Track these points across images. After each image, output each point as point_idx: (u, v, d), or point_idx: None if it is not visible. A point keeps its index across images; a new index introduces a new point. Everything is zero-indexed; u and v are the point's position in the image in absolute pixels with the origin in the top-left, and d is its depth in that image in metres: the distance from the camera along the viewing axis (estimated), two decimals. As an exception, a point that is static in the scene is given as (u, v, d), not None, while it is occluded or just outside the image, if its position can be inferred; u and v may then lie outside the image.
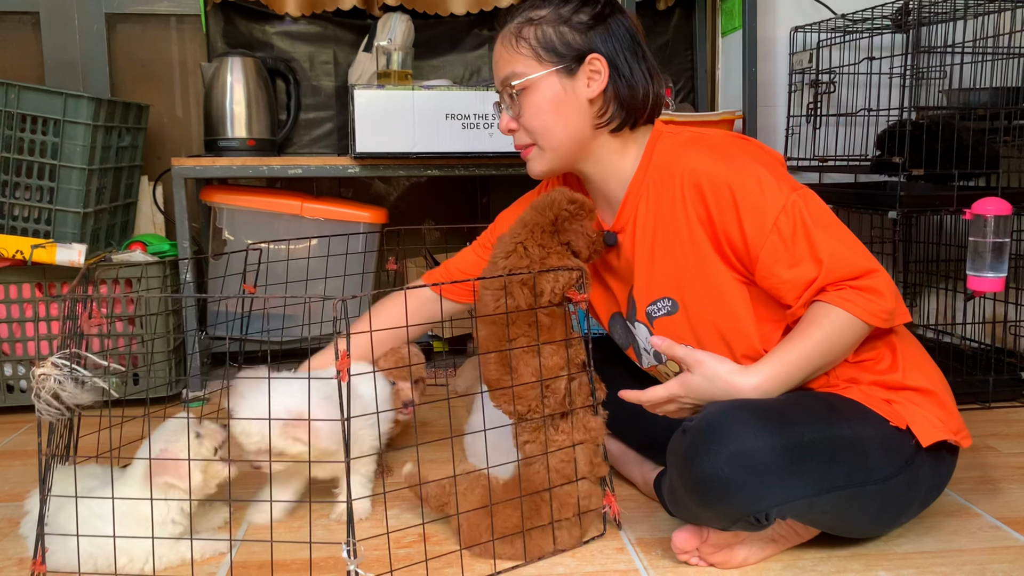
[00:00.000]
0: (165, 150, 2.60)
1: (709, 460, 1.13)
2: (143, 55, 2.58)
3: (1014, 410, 2.06)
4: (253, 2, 2.43)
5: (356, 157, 2.16)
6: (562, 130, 1.36)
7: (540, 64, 1.34)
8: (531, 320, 1.29)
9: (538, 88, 1.34)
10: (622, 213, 1.40)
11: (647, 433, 1.54)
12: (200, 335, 2.22)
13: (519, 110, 1.37)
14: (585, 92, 1.35)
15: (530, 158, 1.41)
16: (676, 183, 1.30)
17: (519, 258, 1.32)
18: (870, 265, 1.23)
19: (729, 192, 1.25)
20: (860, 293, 1.22)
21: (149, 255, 2.11)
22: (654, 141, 1.38)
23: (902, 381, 1.28)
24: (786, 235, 1.23)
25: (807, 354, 1.23)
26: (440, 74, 2.66)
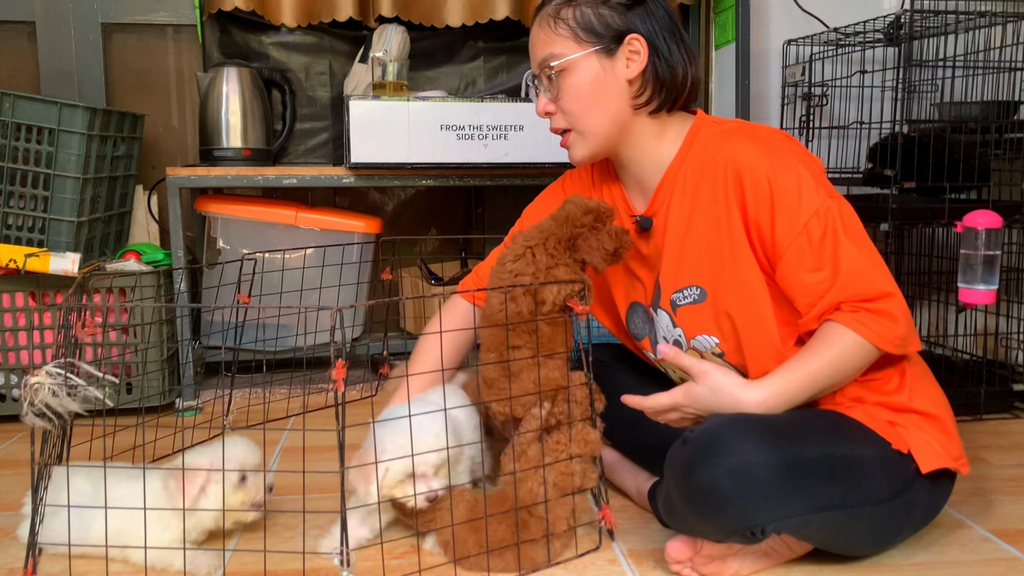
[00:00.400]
0: (160, 159, 2.60)
1: (708, 472, 1.13)
2: (139, 65, 2.59)
3: (1005, 422, 2.07)
4: (249, 13, 2.43)
5: (351, 167, 2.17)
6: (602, 112, 1.35)
7: (579, 45, 1.33)
8: (532, 328, 1.30)
9: (577, 69, 1.34)
10: (656, 198, 1.39)
11: (644, 442, 1.54)
12: (194, 344, 2.22)
13: (557, 92, 1.36)
14: (624, 73, 1.34)
15: (570, 144, 1.40)
16: (719, 171, 1.29)
17: (526, 263, 1.32)
18: (889, 288, 1.23)
19: (768, 186, 1.24)
20: (874, 317, 1.21)
21: (143, 264, 2.11)
22: (696, 129, 1.37)
23: (907, 404, 1.28)
24: (815, 239, 1.22)
25: (814, 373, 1.23)
26: (435, 85, 2.67)
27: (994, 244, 1.85)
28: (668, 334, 1.42)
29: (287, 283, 2.20)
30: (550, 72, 1.35)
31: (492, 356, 1.33)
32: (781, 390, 1.22)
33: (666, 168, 1.38)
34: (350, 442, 1.14)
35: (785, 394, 1.22)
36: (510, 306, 1.29)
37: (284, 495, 1.61)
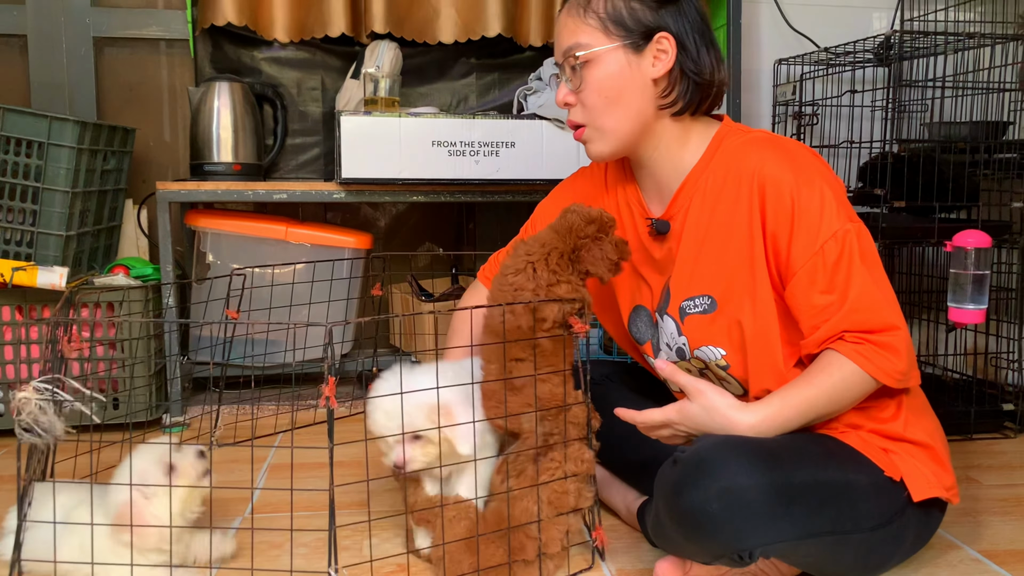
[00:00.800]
0: (151, 173, 2.59)
1: (698, 493, 1.12)
2: (131, 79, 2.58)
3: (995, 442, 2.07)
4: (241, 28, 2.43)
5: (342, 183, 2.16)
6: (623, 109, 1.32)
7: (607, 37, 1.30)
8: (533, 343, 1.29)
9: (602, 62, 1.31)
10: (675, 202, 1.37)
11: (634, 460, 1.53)
12: (182, 360, 2.21)
13: (580, 83, 1.33)
14: (650, 71, 1.31)
15: (587, 139, 1.37)
16: (743, 181, 1.27)
17: (527, 279, 1.30)
18: (895, 320, 1.22)
19: (791, 202, 1.23)
20: (877, 349, 1.20)
21: (132, 279, 2.10)
22: (722, 136, 1.35)
23: (902, 433, 1.27)
24: (829, 261, 1.21)
25: (810, 401, 1.22)
26: (428, 101, 2.68)
27: (983, 264, 1.85)
28: (672, 341, 1.40)
29: (277, 298, 2.19)
30: (574, 62, 1.32)
31: (493, 368, 1.32)
32: (775, 415, 1.21)
33: (687, 173, 1.35)
34: (339, 459, 1.13)
35: (778, 419, 1.21)
36: (510, 319, 1.28)
37: (271, 512, 1.59)
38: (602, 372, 1.70)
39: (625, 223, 1.47)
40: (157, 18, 2.55)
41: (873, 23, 2.66)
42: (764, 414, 1.21)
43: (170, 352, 2.15)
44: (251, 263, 2.27)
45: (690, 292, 1.35)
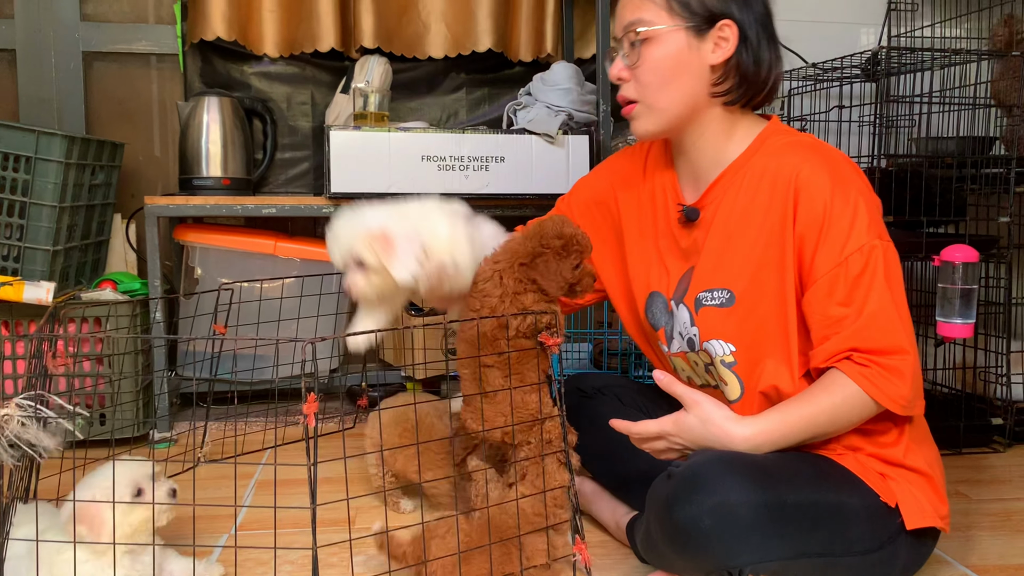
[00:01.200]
0: (140, 188, 2.58)
1: (691, 509, 1.12)
2: (120, 93, 2.58)
3: (984, 456, 2.07)
4: (231, 43, 2.43)
5: (331, 197, 2.16)
6: (676, 90, 1.30)
7: (670, 17, 1.28)
8: (501, 348, 1.29)
9: (663, 41, 1.29)
10: (710, 192, 1.35)
11: (624, 474, 1.52)
12: (169, 375, 2.19)
13: (637, 59, 1.30)
14: (709, 57, 1.29)
15: (636, 115, 1.34)
16: (780, 181, 1.26)
17: (494, 286, 1.30)
18: (906, 345, 1.20)
19: (823, 210, 1.22)
20: (883, 373, 1.19)
21: (119, 294, 2.09)
22: (768, 134, 1.34)
23: (901, 459, 1.26)
24: (852, 274, 1.20)
25: (809, 419, 1.21)
26: (417, 116, 2.68)
27: (971, 278, 1.86)
28: (684, 331, 1.38)
29: (266, 313, 2.18)
30: (634, 38, 1.30)
31: (466, 372, 1.33)
32: (771, 429, 1.21)
33: (727, 165, 1.34)
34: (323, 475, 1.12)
35: (775, 434, 1.21)
36: (479, 326, 1.28)
37: (258, 529, 1.58)
38: (594, 385, 1.69)
39: (658, 208, 1.45)
40: (147, 33, 2.55)
41: (861, 39, 2.68)
42: (761, 427, 1.20)
43: (157, 367, 2.14)
44: (240, 278, 2.26)
45: (711, 284, 1.33)
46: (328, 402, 2.42)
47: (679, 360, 1.42)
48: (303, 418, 1.06)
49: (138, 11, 2.57)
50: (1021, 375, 2.16)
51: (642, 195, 1.48)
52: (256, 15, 2.45)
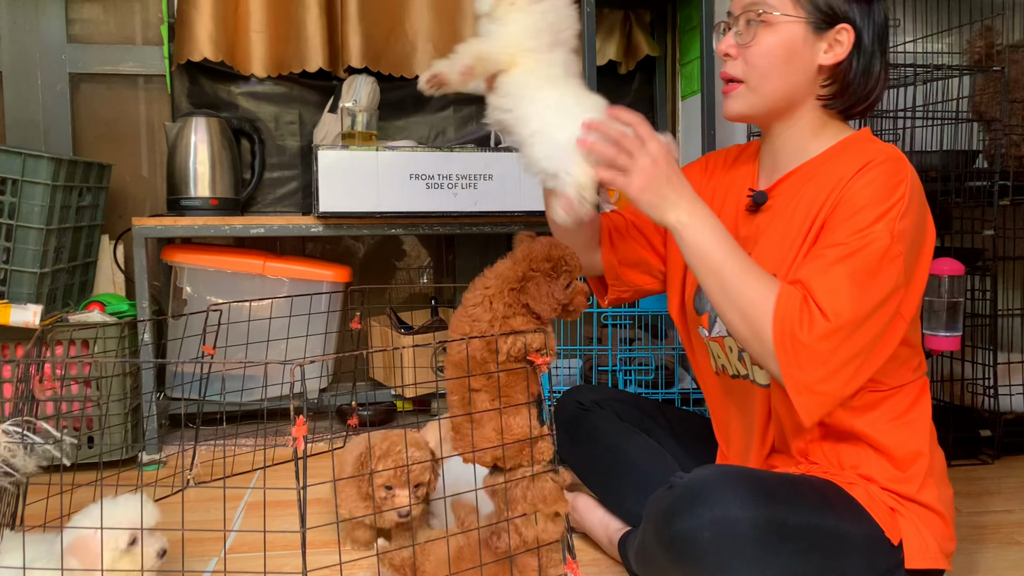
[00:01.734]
0: (127, 209, 2.58)
1: (691, 520, 1.11)
2: (107, 114, 2.58)
3: (973, 468, 2.08)
4: (218, 63, 2.44)
5: (319, 216, 2.16)
6: (782, 80, 1.29)
7: (794, 7, 1.27)
8: (490, 375, 1.28)
9: (782, 29, 1.27)
10: (782, 183, 1.35)
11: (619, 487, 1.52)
12: (158, 397, 2.18)
13: (751, 39, 1.28)
14: (821, 57, 1.28)
15: (733, 95, 1.33)
16: (843, 175, 1.23)
17: (483, 311, 1.30)
18: (845, 317, 1.13)
19: (858, 202, 1.19)
20: (798, 311, 1.13)
21: (107, 315, 2.08)
22: (854, 139, 1.32)
23: (915, 494, 1.25)
24: (844, 251, 1.16)
25: (733, 261, 1.18)
26: (405, 134, 2.69)
27: (957, 291, 1.87)
28: None
29: (256, 333, 2.18)
30: (754, 17, 1.28)
31: (455, 399, 1.33)
32: (704, 228, 1.20)
33: (806, 160, 1.33)
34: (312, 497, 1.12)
35: (702, 233, 1.19)
36: (465, 351, 1.28)
37: (246, 552, 1.57)
38: (592, 398, 1.69)
39: (730, 197, 1.44)
40: (134, 54, 2.55)
41: (844, 54, 2.70)
42: (699, 220, 1.20)
43: (145, 389, 2.13)
44: (229, 298, 2.25)
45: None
46: (318, 421, 2.42)
47: (715, 345, 1.41)
48: (292, 440, 1.05)
49: (125, 32, 2.57)
50: (1008, 387, 2.17)
51: (720, 185, 1.47)
52: (244, 36, 2.45)
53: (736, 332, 1.20)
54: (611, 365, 2.29)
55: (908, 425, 1.29)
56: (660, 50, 2.78)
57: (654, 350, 2.26)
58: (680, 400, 2.22)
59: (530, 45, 1.31)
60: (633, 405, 1.68)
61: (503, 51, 1.32)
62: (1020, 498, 1.88)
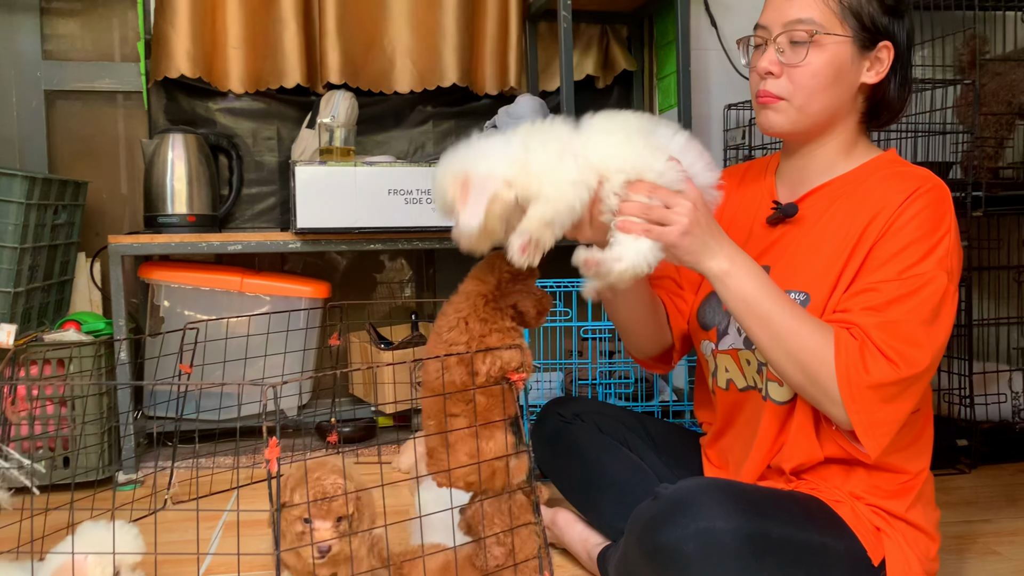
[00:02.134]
0: (104, 226, 2.56)
1: (675, 531, 1.11)
2: (83, 131, 2.56)
3: (951, 478, 2.09)
4: (196, 79, 2.43)
5: (297, 232, 2.16)
6: (829, 100, 1.28)
7: (841, 26, 1.25)
8: (468, 398, 1.28)
9: (830, 49, 1.25)
10: (810, 196, 1.33)
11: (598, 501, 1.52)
12: (135, 416, 2.17)
13: (801, 59, 1.26)
14: (865, 75, 1.28)
15: (775, 108, 1.29)
16: (885, 208, 1.22)
17: (459, 333, 1.30)
18: (910, 360, 1.13)
19: (907, 236, 1.18)
20: (864, 356, 1.13)
21: (83, 334, 2.06)
22: (884, 161, 1.32)
23: (903, 513, 1.25)
24: (899, 290, 1.15)
25: (784, 313, 1.16)
26: (384, 149, 2.69)
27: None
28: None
29: (234, 350, 2.16)
30: (803, 38, 1.25)
31: (431, 424, 1.32)
32: (750, 278, 1.17)
33: (834, 177, 1.32)
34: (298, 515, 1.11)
35: (748, 284, 1.17)
36: (445, 375, 1.27)
37: (223, 573, 1.56)
38: (573, 411, 1.68)
39: (748, 212, 1.43)
40: (110, 71, 2.54)
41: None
42: (744, 267, 1.18)
43: (122, 409, 2.11)
44: (207, 315, 2.24)
45: (790, 285, 1.29)
46: (297, 438, 2.40)
47: (726, 358, 1.38)
48: (266, 463, 1.05)
49: (102, 49, 2.56)
50: (984, 396, 2.19)
51: (733, 201, 1.46)
52: (221, 52, 2.45)
53: (790, 379, 1.20)
54: (591, 378, 2.29)
55: (913, 447, 1.29)
56: (637, 65, 2.79)
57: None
58: (660, 412, 2.23)
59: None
60: (614, 418, 1.68)
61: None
62: (997, 507, 1.89)
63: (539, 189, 1.15)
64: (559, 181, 1.15)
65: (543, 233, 1.15)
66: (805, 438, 1.27)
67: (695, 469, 1.52)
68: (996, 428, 2.22)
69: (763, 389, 1.32)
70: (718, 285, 1.20)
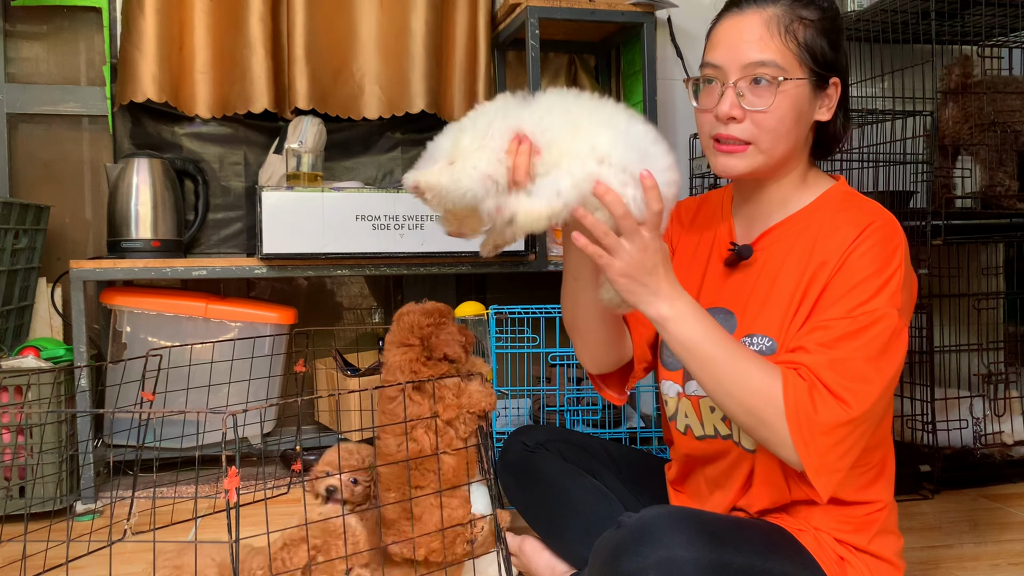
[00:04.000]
0: (66, 251, 2.53)
1: (638, 560, 1.10)
2: (46, 155, 2.53)
3: (914, 503, 2.11)
4: (162, 104, 2.42)
5: (263, 258, 2.14)
6: (791, 141, 1.26)
7: (799, 67, 1.24)
8: (434, 467, 1.28)
9: (792, 92, 1.23)
10: (765, 237, 1.32)
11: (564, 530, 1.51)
12: (95, 444, 2.12)
13: (763, 104, 1.23)
14: (818, 112, 1.28)
15: (739, 156, 1.26)
16: (835, 244, 1.22)
17: (416, 405, 1.32)
18: (857, 404, 1.13)
19: (858, 274, 1.18)
20: (814, 398, 1.12)
21: (42, 361, 2.03)
22: (835, 193, 1.31)
23: (866, 545, 1.25)
24: (847, 327, 1.15)
25: (726, 354, 1.15)
26: (353, 175, 2.68)
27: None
28: None
29: (198, 377, 2.13)
30: (763, 78, 1.22)
31: (392, 495, 1.31)
32: (694, 321, 1.15)
33: (789, 214, 1.32)
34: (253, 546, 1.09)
35: (690, 328, 1.15)
36: (411, 445, 1.28)
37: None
38: (537, 439, 1.68)
39: (706, 252, 1.41)
40: (75, 94, 2.52)
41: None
42: (686, 312, 1.16)
43: (81, 437, 2.07)
44: (171, 341, 2.21)
45: (753, 329, 1.28)
46: (261, 467, 2.37)
47: (687, 403, 1.36)
48: (224, 492, 1.03)
49: (67, 73, 2.54)
50: (947, 422, 2.21)
51: (687, 241, 1.45)
52: (188, 76, 2.44)
53: (738, 421, 1.19)
54: (559, 405, 2.29)
55: (876, 483, 1.30)
56: (605, 93, 2.82)
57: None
58: (628, 439, 2.23)
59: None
60: (579, 446, 1.67)
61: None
62: (960, 532, 1.91)
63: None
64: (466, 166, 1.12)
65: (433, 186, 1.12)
66: (773, 484, 1.27)
67: (661, 497, 1.51)
68: (958, 454, 2.25)
69: (733, 435, 1.31)
70: (661, 329, 1.19)
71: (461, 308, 2.40)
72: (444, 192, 1.11)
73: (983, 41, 2.50)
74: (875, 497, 1.29)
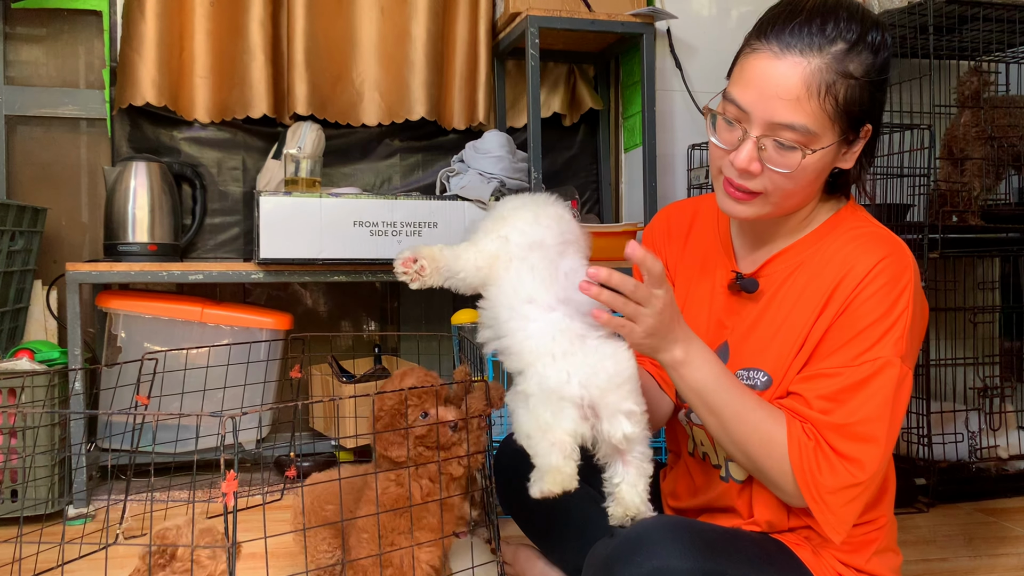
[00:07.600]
0: (63, 254, 2.52)
1: (631, 570, 1.09)
2: (44, 157, 2.53)
3: (910, 517, 2.10)
4: (161, 108, 2.42)
5: (260, 263, 2.14)
6: (808, 192, 1.20)
7: (831, 130, 1.13)
8: (420, 515, 1.30)
9: (819, 156, 1.14)
10: (769, 265, 1.27)
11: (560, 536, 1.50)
12: (89, 447, 2.11)
13: (785, 167, 1.14)
14: (840, 160, 1.19)
15: (748, 204, 1.20)
16: (845, 280, 1.17)
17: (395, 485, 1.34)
18: (868, 464, 1.11)
19: (864, 318, 1.15)
20: (822, 458, 1.12)
21: (36, 363, 2.02)
22: (843, 218, 1.25)
23: (863, 565, 1.24)
24: (853, 377, 1.13)
25: (738, 405, 1.15)
26: (351, 181, 2.68)
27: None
28: None
29: (193, 382, 2.12)
30: (787, 141, 1.13)
31: (365, 536, 1.32)
32: (707, 370, 1.15)
33: (794, 242, 1.26)
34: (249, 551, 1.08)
35: (704, 377, 1.15)
36: (400, 492, 1.30)
37: (175, 611, 1.51)
38: None
39: (708, 272, 1.37)
40: (74, 97, 2.52)
41: (782, 110, 2.78)
42: (701, 361, 1.16)
43: (75, 440, 2.05)
44: (166, 345, 2.21)
45: (749, 363, 1.25)
46: (255, 472, 2.36)
47: (699, 431, 1.34)
48: (222, 496, 1.02)
49: (66, 76, 2.54)
50: (942, 435, 2.21)
51: (692, 261, 1.41)
52: (187, 81, 2.44)
53: (743, 466, 1.19)
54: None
55: (877, 504, 1.28)
56: (604, 103, 2.83)
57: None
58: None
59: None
60: None
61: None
62: (955, 546, 1.90)
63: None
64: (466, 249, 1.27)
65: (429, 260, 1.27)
66: (775, 510, 1.26)
67: (657, 505, 1.51)
68: (953, 467, 2.25)
69: (722, 467, 1.30)
70: (672, 373, 1.18)
71: (457, 315, 2.40)
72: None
73: (980, 56, 2.51)
74: (875, 516, 1.28)
